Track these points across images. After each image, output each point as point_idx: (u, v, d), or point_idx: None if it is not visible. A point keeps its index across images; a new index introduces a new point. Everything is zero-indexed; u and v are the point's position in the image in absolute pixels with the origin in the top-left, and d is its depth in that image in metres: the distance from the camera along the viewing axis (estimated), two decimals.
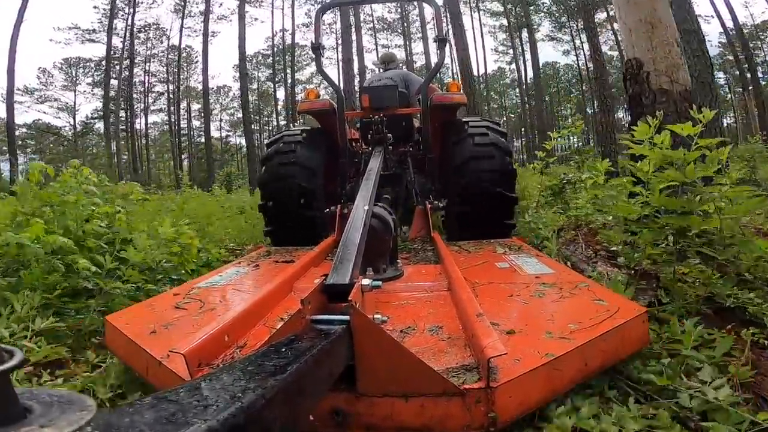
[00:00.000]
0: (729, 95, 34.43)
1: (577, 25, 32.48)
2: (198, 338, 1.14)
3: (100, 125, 32.19)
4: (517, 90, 41.18)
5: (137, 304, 1.76)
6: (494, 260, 2.15)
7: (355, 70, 16.61)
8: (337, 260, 1.26)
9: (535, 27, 33.20)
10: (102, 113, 28.51)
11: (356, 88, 13.89)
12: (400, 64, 4.44)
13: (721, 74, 32.70)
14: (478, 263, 2.12)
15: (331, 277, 1.16)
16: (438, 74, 3.86)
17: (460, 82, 3.57)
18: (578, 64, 35.02)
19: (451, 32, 13.04)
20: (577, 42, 33.57)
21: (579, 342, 1.11)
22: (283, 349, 0.75)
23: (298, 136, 3.15)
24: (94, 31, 29.24)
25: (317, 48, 3.27)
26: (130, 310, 1.62)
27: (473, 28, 35.90)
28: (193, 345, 1.09)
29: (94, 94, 31.94)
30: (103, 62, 29.00)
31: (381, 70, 4.31)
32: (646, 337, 1.28)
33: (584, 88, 35.21)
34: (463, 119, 3.25)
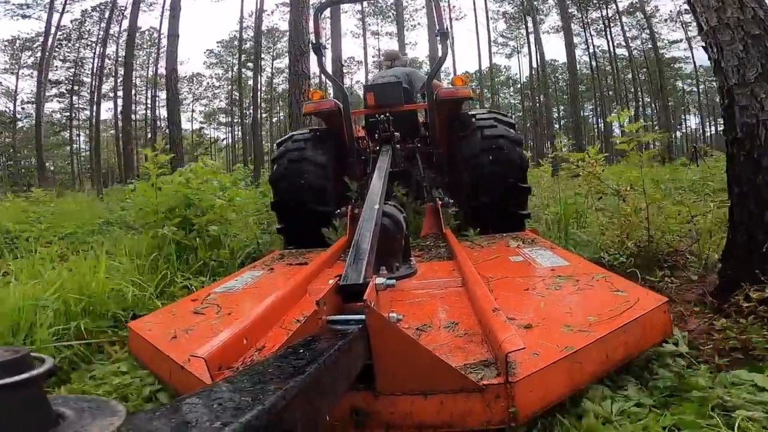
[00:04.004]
0: None
1: (585, 17, 30.62)
2: (217, 342, 1.15)
3: (59, 113, 30.08)
4: (511, 89, 39.16)
5: (158, 310, 1.80)
6: (508, 254, 2.13)
7: (329, 57, 15.19)
8: (350, 260, 1.27)
9: (542, 18, 31.17)
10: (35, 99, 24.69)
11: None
12: (406, 62, 4.44)
13: None
14: (492, 258, 2.11)
15: (345, 277, 1.16)
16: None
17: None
18: (590, 59, 32.46)
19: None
20: (582, 35, 31.42)
21: (599, 334, 1.10)
22: (301, 350, 0.76)
23: (307, 134, 3.22)
24: (27, 6, 25.26)
25: (318, 48, 3.28)
26: (152, 317, 1.65)
27: (475, 9, 33.95)
28: (213, 349, 1.11)
29: (32, 77, 27.62)
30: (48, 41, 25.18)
31: (385, 68, 4.31)
32: (669, 328, 1.26)
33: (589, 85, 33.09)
34: (470, 112, 3.23)
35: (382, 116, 2.95)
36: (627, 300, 1.29)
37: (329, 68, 14.67)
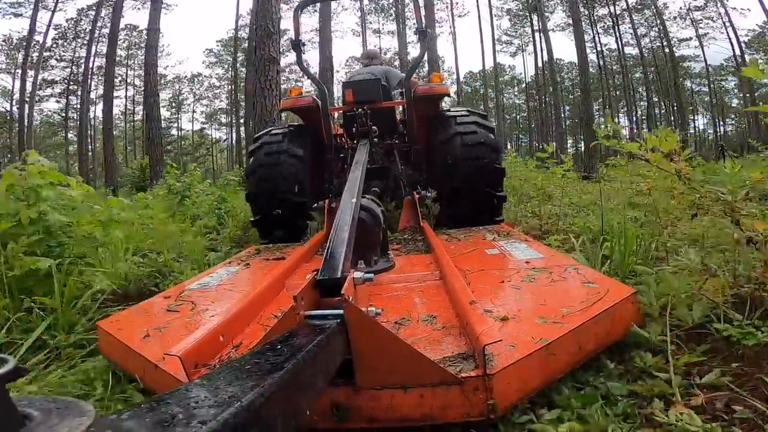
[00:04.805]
0: None
1: (592, 14, 28.99)
2: (193, 339, 1.13)
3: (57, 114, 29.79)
4: (516, 89, 38.17)
5: (129, 308, 1.74)
6: (484, 247, 2.16)
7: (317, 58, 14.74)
8: (327, 255, 1.26)
9: (548, 15, 29.39)
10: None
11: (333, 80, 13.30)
12: (383, 62, 4.46)
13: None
14: (469, 251, 2.14)
15: (322, 272, 1.15)
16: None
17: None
18: (597, 57, 30.45)
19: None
20: (589, 33, 28.90)
21: (572, 326, 1.12)
22: (279, 347, 0.75)
23: (285, 129, 3.21)
24: (19, 4, 25.01)
25: (297, 45, 3.24)
26: (122, 315, 1.60)
27: (478, 5, 32.48)
28: (188, 346, 1.09)
29: (28, 76, 27.27)
30: (46, 40, 25.60)
31: (363, 66, 4.29)
32: (637, 318, 1.31)
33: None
34: (446, 110, 3.27)
35: (360, 110, 2.95)
36: (597, 291, 1.33)
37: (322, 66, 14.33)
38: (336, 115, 3.97)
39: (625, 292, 1.31)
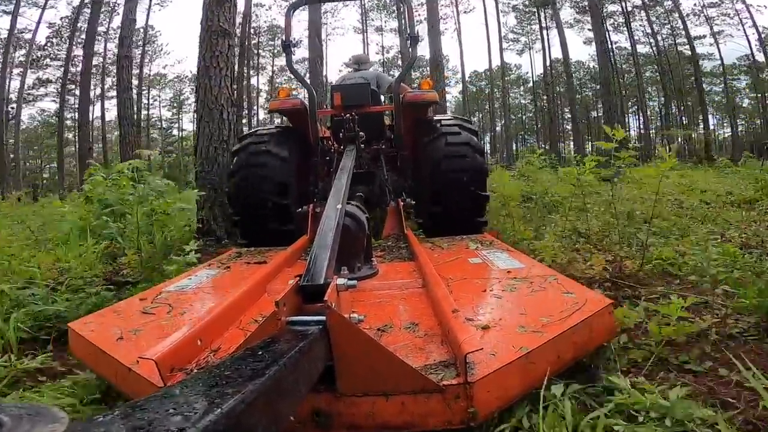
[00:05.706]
0: None
1: (602, 12, 26.80)
2: (169, 343, 1.10)
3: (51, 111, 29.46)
4: (522, 88, 37.50)
5: (102, 310, 1.69)
6: (467, 256, 2.18)
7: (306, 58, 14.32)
8: (310, 260, 1.25)
9: (559, 6, 27.81)
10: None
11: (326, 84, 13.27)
12: (374, 65, 4.45)
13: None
14: (452, 259, 2.15)
15: (305, 277, 1.14)
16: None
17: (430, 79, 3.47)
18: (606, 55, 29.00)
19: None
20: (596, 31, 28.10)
21: (551, 335, 1.14)
22: (260, 352, 0.74)
23: (272, 130, 3.17)
24: (10, 1, 24.19)
25: (288, 46, 3.23)
26: (94, 317, 1.55)
27: (484, 1, 31.68)
28: (164, 350, 1.06)
29: (20, 75, 27.00)
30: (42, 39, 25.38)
31: (352, 71, 4.29)
32: (613, 329, 1.33)
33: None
34: (434, 117, 3.29)
35: (347, 115, 2.95)
36: (576, 302, 1.35)
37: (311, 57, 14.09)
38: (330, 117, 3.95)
39: (602, 302, 1.33)
